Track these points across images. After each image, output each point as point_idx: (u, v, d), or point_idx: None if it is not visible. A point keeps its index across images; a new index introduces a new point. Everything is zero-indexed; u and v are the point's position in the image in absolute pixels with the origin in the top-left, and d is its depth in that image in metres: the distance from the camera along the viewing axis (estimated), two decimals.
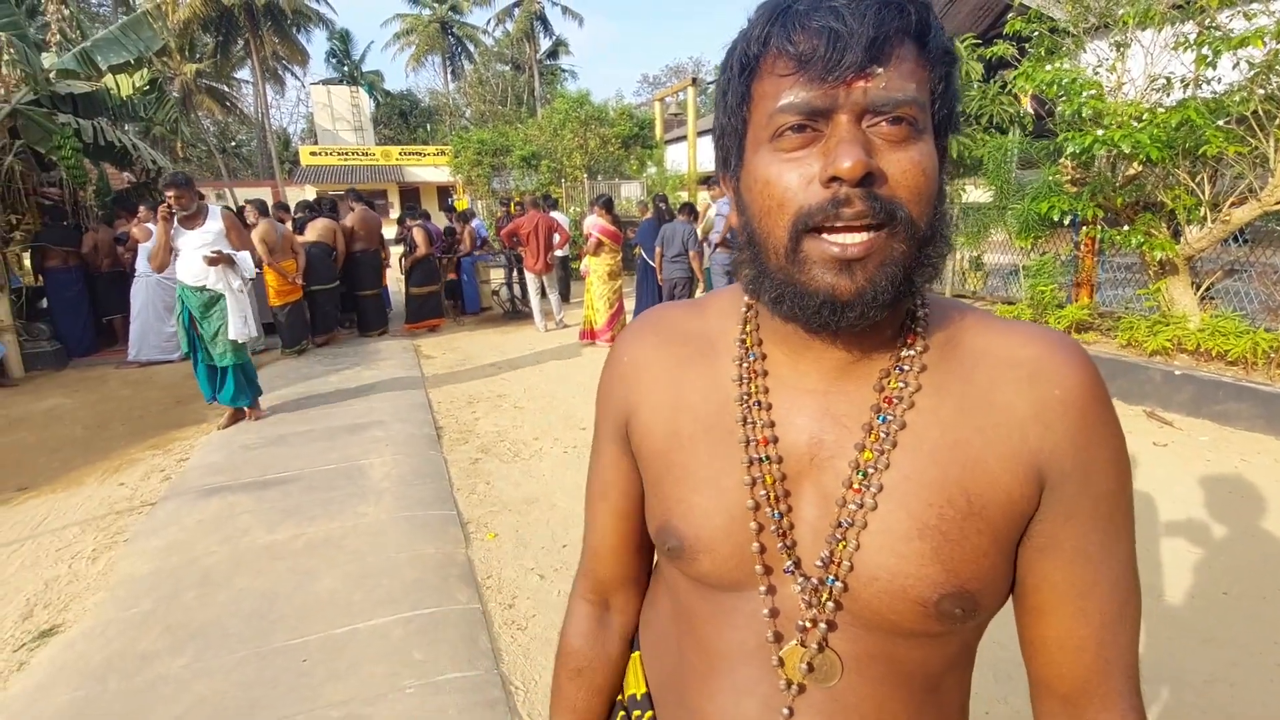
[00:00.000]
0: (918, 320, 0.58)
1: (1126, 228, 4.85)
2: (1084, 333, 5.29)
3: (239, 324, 4.39)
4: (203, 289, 4.34)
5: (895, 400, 0.55)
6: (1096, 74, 4.88)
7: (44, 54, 7.53)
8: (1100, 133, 4.42)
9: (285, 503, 3.40)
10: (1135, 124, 4.40)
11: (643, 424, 0.66)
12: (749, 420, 0.59)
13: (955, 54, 0.51)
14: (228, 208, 5.58)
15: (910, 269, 0.50)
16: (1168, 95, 4.69)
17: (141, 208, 7.02)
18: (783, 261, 0.51)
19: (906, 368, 0.56)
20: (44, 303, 7.12)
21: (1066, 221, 5.12)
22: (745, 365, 0.61)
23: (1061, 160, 5.10)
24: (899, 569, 0.53)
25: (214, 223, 4.31)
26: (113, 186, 8.75)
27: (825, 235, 0.49)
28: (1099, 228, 5.18)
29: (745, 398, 0.60)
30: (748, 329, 0.63)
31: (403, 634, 2.33)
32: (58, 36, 8.78)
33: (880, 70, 0.47)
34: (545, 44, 35.18)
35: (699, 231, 6.81)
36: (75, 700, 2.08)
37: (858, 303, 0.49)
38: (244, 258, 4.40)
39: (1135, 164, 4.71)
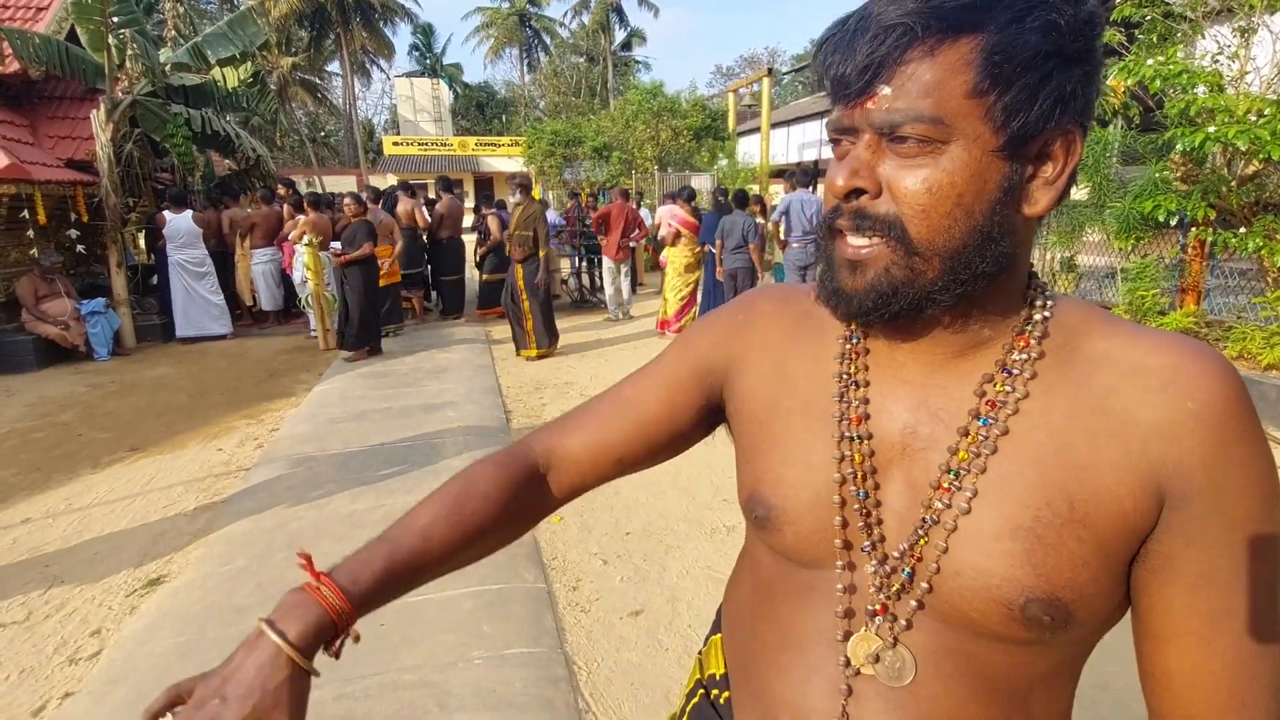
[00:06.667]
0: (1034, 324, 0.56)
1: (1243, 230, 4.47)
2: None
3: None
4: None
5: (999, 404, 0.54)
6: (1216, 63, 4.50)
7: (161, 50, 8.12)
8: (1213, 129, 4.08)
9: (365, 474, 3.59)
10: (1254, 119, 4.04)
11: (746, 387, 0.68)
12: (845, 398, 0.61)
13: (1025, 49, 0.47)
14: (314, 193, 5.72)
15: (913, 281, 0.52)
16: None
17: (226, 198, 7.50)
18: (825, 252, 0.58)
19: (1016, 372, 0.55)
20: (154, 279, 7.73)
21: (1174, 222, 4.76)
22: (849, 346, 0.63)
23: (1170, 156, 4.74)
24: (984, 566, 0.52)
25: None
26: (216, 173, 9.38)
27: (842, 235, 0.55)
28: (1210, 230, 4.79)
29: (844, 376, 0.62)
30: None
31: (472, 607, 2.42)
32: (173, 32, 9.45)
33: (886, 90, 0.49)
34: (620, 35, 35.36)
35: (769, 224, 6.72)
36: (179, 644, 2.27)
37: (855, 298, 0.54)
38: None
39: (1255, 162, 4.34)
